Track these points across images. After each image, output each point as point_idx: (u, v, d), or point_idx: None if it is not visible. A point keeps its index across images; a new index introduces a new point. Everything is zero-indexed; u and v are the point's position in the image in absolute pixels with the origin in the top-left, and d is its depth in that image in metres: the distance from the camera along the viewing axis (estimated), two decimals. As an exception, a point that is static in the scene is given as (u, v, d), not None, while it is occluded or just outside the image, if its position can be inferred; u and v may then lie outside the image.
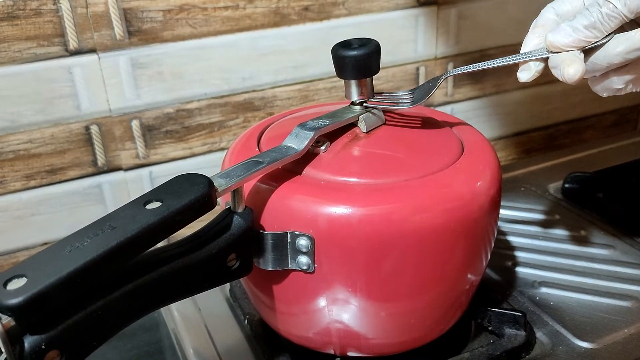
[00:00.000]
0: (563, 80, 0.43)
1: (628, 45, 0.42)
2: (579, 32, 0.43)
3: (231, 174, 0.42)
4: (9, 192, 0.68)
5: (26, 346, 0.31)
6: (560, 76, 0.43)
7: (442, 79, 0.49)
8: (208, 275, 0.41)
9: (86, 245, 0.34)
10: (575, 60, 0.43)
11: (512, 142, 1.00)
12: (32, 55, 0.64)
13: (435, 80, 0.49)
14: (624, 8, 0.41)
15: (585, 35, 0.43)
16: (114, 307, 0.36)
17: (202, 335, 0.59)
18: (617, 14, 0.42)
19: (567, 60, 0.43)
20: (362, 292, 0.45)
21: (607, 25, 0.42)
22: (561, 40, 0.43)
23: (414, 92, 0.50)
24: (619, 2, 0.41)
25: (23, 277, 0.31)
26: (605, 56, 0.43)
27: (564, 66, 0.43)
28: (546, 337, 0.55)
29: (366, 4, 0.78)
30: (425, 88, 0.50)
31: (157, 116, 0.72)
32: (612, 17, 0.42)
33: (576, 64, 0.43)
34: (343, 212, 0.43)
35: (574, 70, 0.42)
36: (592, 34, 0.43)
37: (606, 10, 0.42)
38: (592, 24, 0.42)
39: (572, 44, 0.43)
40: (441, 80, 0.49)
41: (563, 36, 0.43)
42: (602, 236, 0.69)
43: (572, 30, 0.43)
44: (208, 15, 0.71)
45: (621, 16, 0.42)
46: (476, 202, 0.46)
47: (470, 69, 0.48)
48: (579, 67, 0.42)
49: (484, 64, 0.48)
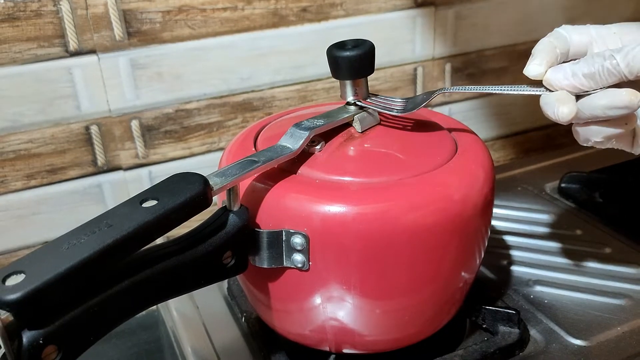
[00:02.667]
0: (554, 119, 0.43)
1: (611, 101, 0.42)
2: (577, 78, 0.43)
3: (227, 172, 0.42)
4: (10, 192, 0.69)
5: (24, 341, 0.32)
6: (553, 114, 0.43)
7: (436, 93, 0.50)
8: (204, 272, 0.42)
9: (83, 242, 0.34)
10: (569, 100, 0.43)
11: (510, 142, 1.00)
12: (32, 56, 0.65)
13: (429, 93, 0.50)
14: (626, 68, 0.41)
15: (581, 83, 0.43)
16: (110, 304, 0.36)
17: (200, 333, 0.59)
18: (617, 72, 0.41)
19: (561, 100, 0.43)
20: (356, 289, 0.46)
21: (605, 80, 0.42)
22: (560, 81, 0.43)
23: (407, 101, 0.51)
24: (622, 61, 0.41)
25: (21, 274, 0.32)
26: (590, 106, 0.43)
27: (558, 104, 0.43)
28: (540, 334, 0.55)
29: (364, 5, 0.79)
30: (418, 99, 0.51)
31: (156, 116, 0.73)
32: (612, 73, 0.42)
33: (570, 104, 0.43)
34: (337, 211, 0.43)
35: (568, 110, 0.42)
36: (589, 84, 0.43)
37: (608, 66, 0.42)
38: (592, 74, 0.42)
39: (567, 87, 0.43)
40: (435, 94, 0.50)
41: (562, 77, 0.43)
42: (597, 235, 0.69)
43: (572, 74, 0.43)
44: (207, 16, 0.71)
45: (621, 75, 0.42)
46: (469, 201, 0.46)
47: (466, 89, 0.49)
48: (572, 107, 0.43)
49: (481, 88, 0.48)
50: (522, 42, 0.92)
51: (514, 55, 0.92)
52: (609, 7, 0.96)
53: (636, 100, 0.41)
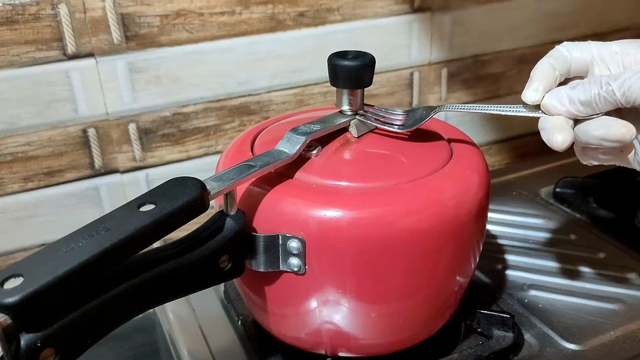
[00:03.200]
0: (549, 145, 0.44)
1: (603, 132, 0.42)
2: (574, 104, 0.43)
3: (224, 177, 0.43)
4: (7, 194, 0.69)
5: (22, 344, 0.32)
6: (548, 141, 0.44)
7: (436, 111, 0.50)
8: (201, 276, 0.42)
9: (81, 246, 0.35)
10: (565, 129, 0.43)
11: (506, 147, 1.01)
12: (30, 59, 0.65)
13: (428, 110, 0.51)
14: (622, 97, 0.42)
15: (578, 110, 0.43)
16: (108, 307, 0.36)
17: (196, 336, 0.60)
18: (613, 100, 0.42)
19: (557, 127, 0.43)
20: (351, 293, 0.46)
21: (601, 107, 0.43)
22: (556, 107, 0.44)
23: (408, 115, 0.51)
24: (618, 89, 0.42)
25: (20, 277, 0.32)
26: (585, 133, 0.43)
27: (554, 132, 0.43)
28: (534, 338, 0.56)
29: (361, 10, 0.79)
30: (417, 115, 0.51)
31: (153, 119, 0.73)
32: (608, 101, 0.42)
33: (565, 132, 0.43)
34: (333, 215, 0.43)
35: (562, 139, 0.43)
36: (585, 110, 0.43)
37: (604, 94, 0.42)
38: (588, 101, 0.43)
39: (564, 113, 0.44)
40: (434, 112, 0.50)
41: (558, 104, 0.44)
42: (591, 240, 0.70)
43: (569, 101, 0.43)
44: (204, 20, 0.72)
45: (617, 102, 0.42)
46: (464, 206, 0.47)
47: (465, 109, 0.49)
48: (567, 137, 0.43)
49: (480, 107, 0.49)
50: (518, 48, 0.92)
51: (510, 61, 0.93)
52: (605, 14, 0.97)
53: (629, 135, 0.42)
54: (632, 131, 0.42)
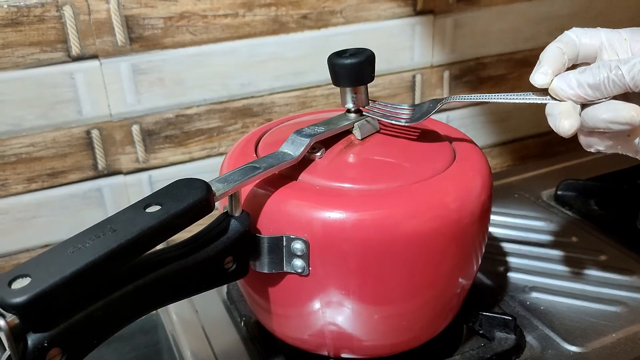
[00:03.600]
0: (556, 131, 0.44)
1: (612, 115, 0.42)
2: (582, 88, 0.43)
3: (229, 179, 0.43)
4: (11, 195, 0.70)
5: (29, 344, 0.33)
6: (554, 126, 0.44)
7: (442, 103, 0.50)
8: (205, 277, 0.43)
9: (88, 246, 0.35)
10: (572, 114, 0.43)
11: (507, 149, 1.01)
12: (35, 60, 0.66)
13: (435, 102, 0.51)
14: (631, 81, 0.42)
15: (586, 93, 0.43)
16: (114, 307, 0.37)
17: (199, 337, 0.60)
18: (622, 84, 0.42)
19: (564, 113, 0.43)
20: (355, 294, 0.46)
21: (610, 90, 0.43)
22: (565, 90, 0.44)
23: (414, 110, 0.51)
24: (628, 73, 0.42)
25: (27, 277, 0.33)
26: (593, 117, 0.43)
27: (561, 118, 0.43)
28: (536, 340, 0.56)
29: (363, 12, 0.80)
30: (424, 108, 0.51)
31: (157, 121, 0.74)
32: (617, 84, 0.42)
33: (572, 118, 0.43)
34: (337, 217, 0.44)
35: (569, 125, 0.43)
36: (593, 94, 0.43)
37: (613, 77, 0.42)
38: (597, 85, 0.43)
39: (572, 97, 0.44)
40: (441, 104, 0.50)
41: (567, 87, 0.44)
42: (593, 242, 0.70)
43: (577, 84, 0.43)
44: (208, 22, 0.72)
45: (626, 87, 0.42)
46: (467, 208, 0.47)
47: (469, 98, 0.49)
48: (574, 123, 0.43)
49: (484, 96, 0.49)
50: (520, 50, 0.92)
51: (512, 63, 0.93)
52: (605, 15, 0.97)
53: (637, 117, 0.42)
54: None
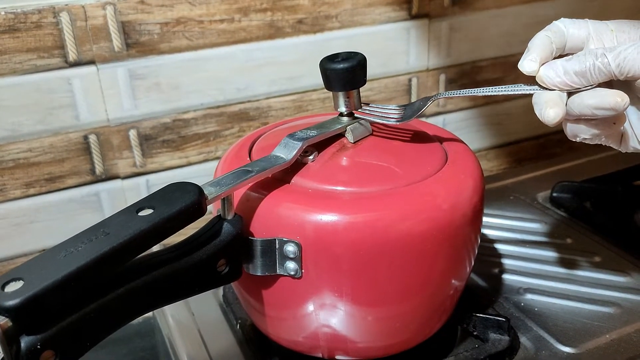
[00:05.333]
0: (541, 119, 0.44)
1: (598, 101, 0.43)
2: (569, 75, 0.44)
3: (221, 182, 0.43)
4: (9, 200, 0.70)
5: (22, 346, 0.33)
6: (540, 115, 0.44)
7: (432, 99, 0.51)
8: (198, 279, 0.43)
9: (80, 250, 0.35)
10: (558, 103, 0.44)
11: (503, 152, 1.01)
12: (32, 66, 0.66)
13: (425, 100, 0.51)
14: (617, 68, 0.42)
15: (573, 81, 0.44)
16: (107, 310, 0.37)
17: (195, 340, 0.60)
18: (608, 71, 0.43)
19: (550, 102, 0.44)
20: (348, 297, 0.46)
21: (596, 78, 0.43)
22: (552, 78, 0.44)
23: (405, 109, 0.52)
24: (613, 61, 0.42)
25: (20, 280, 0.33)
26: (579, 104, 0.44)
27: (546, 107, 0.44)
28: (530, 342, 0.56)
29: (359, 17, 0.80)
30: (415, 106, 0.51)
31: (154, 126, 0.74)
32: (602, 72, 0.43)
33: (558, 107, 0.44)
34: (329, 220, 0.44)
35: (554, 114, 0.43)
36: (580, 82, 0.44)
37: (599, 64, 0.43)
38: (583, 72, 0.43)
39: (559, 84, 0.44)
40: (431, 100, 0.51)
41: (554, 75, 0.44)
42: (587, 244, 0.70)
43: (564, 72, 0.44)
44: (204, 28, 0.73)
45: (611, 74, 0.43)
46: (458, 210, 0.47)
47: (460, 93, 0.50)
48: (559, 112, 0.43)
49: (474, 91, 0.49)
50: (516, 54, 0.93)
51: (508, 67, 0.94)
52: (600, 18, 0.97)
53: (622, 103, 0.42)
54: (626, 99, 0.42)
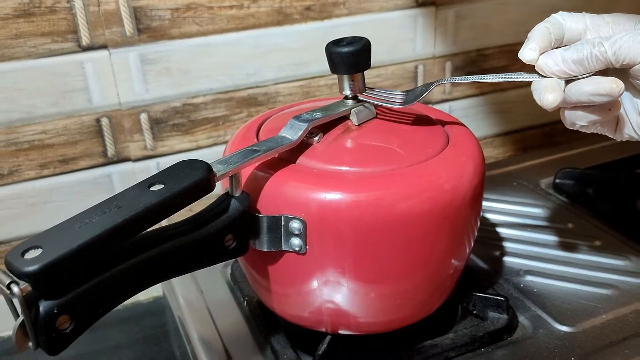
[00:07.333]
0: (540, 105, 0.46)
1: (594, 88, 0.44)
2: (567, 63, 0.45)
3: (229, 160, 0.45)
4: (24, 180, 0.72)
5: (41, 310, 0.35)
6: (539, 100, 0.46)
7: (434, 84, 0.52)
8: (206, 253, 0.45)
9: (94, 221, 0.37)
10: (556, 89, 0.45)
11: (509, 140, 1.02)
12: (46, 50, 0.68)
13: (428, 85, 0.52)
14: (613, 56, 0.44)
15: (571, 69, 0.45)
16: (119, 279, 0.39)
17: (204, 318, 0.62)
18: (604, 59, 0.44)
19: (548, 87, 0.46)
20: (350, 273, 0.48)
21: (592, 65, 0.45)
22: (550, 66, 0.46)
23: (408, 94, 0.53)
24: (610, 49, 0.44)
25: (39, 248, 0.35)
26: (576, 91, 0.45)
27: (545, 92, 0.45)
28: (528, 321, 0.58)
29: (366, 4, 0.81)
30: (417, 91, 0.53)
31: (164, 110, 0.76)
32: (599, 59, 0.44)
33: (556, 92, 0.45)
34: (333, 198, 0.46)
35: (552, 98, 0.45)
36: (577, 69, 0.45)
37: (596, 52, 0.44)
38: (580, 60, 0.45)
39: (557, 72, 0.46)
40: (433, 85, 0.52)
41: (552, 63, 0.46)
42: (588, 229, 0.72)
43: (562, 60, 0.46)
44: (214, 14, 0.74)
45: (608, 62, 0.44)
46: (459, 191, 0.48)
47: (461, 80, 0.51)
48: (557, 96, 0.45)
49: (475, 77, 0.51)
50: (522, 42, 0.93)
51: (514, 55, 0.93)
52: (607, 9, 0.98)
53: (617, 89, 0.44)
54: (621, 86, 0.44)
